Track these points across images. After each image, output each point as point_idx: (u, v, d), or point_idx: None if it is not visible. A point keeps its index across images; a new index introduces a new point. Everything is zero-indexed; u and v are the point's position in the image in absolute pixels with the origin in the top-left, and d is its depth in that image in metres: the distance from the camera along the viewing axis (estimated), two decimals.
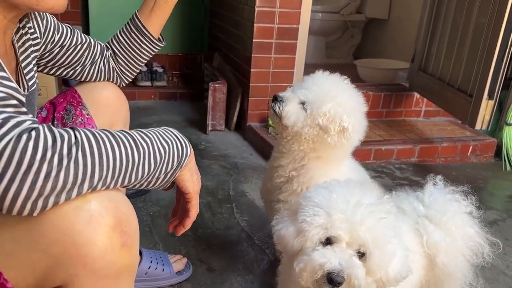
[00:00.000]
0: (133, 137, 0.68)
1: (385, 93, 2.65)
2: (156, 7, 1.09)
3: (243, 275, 1.40)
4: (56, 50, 1.05)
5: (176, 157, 0.74)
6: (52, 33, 1.01)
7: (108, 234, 0.63)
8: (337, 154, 1.22)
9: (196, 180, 0.82)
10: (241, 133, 2.52)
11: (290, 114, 1.19)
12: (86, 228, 0.62)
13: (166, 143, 0.73)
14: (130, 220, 0.68)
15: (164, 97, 3.03)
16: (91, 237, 0.62)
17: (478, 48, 2.08)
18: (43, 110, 1.09)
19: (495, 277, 1.50)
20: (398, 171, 2.28)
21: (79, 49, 1.09)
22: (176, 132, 0.77)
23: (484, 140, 2.49)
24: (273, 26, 2.28)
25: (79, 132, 0.62)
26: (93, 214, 0.62)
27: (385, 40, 4.01)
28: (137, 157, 0.67)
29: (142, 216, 1.67)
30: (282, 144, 1.27)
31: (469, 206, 1.07)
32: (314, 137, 1.19)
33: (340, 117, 1.16)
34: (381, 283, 0.83)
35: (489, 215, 1.92)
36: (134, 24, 1.11)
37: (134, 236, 0.68)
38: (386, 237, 0.82)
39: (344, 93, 1.20)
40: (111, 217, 0.64)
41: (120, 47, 1.14)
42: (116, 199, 0.66)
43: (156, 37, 1.14)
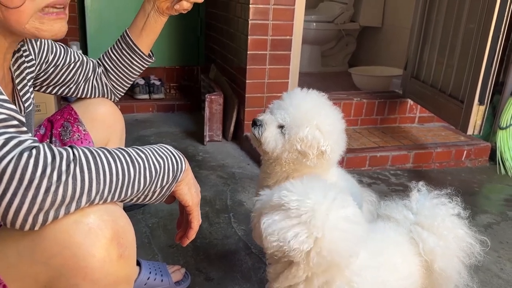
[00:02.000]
0: (129, 154, 0.72)
1: (379, 100, 2.69)
2: (147, 26, 1.12)
3: (240, 284, 1.43)
4: (50, 70, 1.08)
5: (172, 171, 0.78)
6: (46, 54, 1.04)
7: (106, 246, 0.67)
8: (320, 170, 1.24)
9: (194, 193, 0.85)
10: (238, 143, 2.56)
11: (269, 140, 1.21)
12: (85, 241, 0.65)
13: (161, 158, 0.76)
14: (127, 233, 0.71)
15: (162, 109, 3.07)
16: (90, 249, 0.65)
17: (468, 54, 2.12)
18: (41, 128, 1.13)
19: (489, 280, 1.52)
20: (394, 177, 2.31)
21: (73, 67, 1.12)
22: (172, 149, 0.81)
23: (478, 144, 2.53)
24: (267, 38, 2.32)
25: (77, 149, 0.66)
26: (91, 227, 0.66)
27: (380, 48, 4.07)
28: (133, 172, 0.71)
29: (141, 228, 1.69)
30: (266, 165, 1.30)
31: (456, 208, 1.10)
32: (294, 160, 1.22)
33: (318, 141, 1.17)
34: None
35: (484, 219, 1.94)
36: (125, 42, 1.14)
37: (130, 248, 0.71)
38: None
39: (321, 113, 1.20)
40: (109, 230, 0.67)
41: (111, 64, 1.17)
42: (113, 213, 0.69)
43: (147, 54, 1.17)
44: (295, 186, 0.89)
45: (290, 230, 0.84)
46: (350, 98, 2.66)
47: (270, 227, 0.85)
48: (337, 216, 0.87)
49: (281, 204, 0.86)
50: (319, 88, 1.31)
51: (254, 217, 0.93)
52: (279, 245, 0.85)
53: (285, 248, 0.84)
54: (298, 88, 1.28)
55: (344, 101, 2.60)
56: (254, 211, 0.94)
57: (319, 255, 0.84)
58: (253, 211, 0.95)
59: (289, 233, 0.84)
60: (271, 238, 0.85)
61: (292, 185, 0.89)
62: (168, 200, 0.84)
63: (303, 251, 0.84)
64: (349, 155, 2.28)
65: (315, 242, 0.84)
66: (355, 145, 2.41)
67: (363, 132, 2.62)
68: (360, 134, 2.59)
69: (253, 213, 0.95)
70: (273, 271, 0.95)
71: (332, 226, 0.85)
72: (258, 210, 0.93)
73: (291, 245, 0.83)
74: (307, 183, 0.91)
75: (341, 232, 0.86)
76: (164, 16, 1.12)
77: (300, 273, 0.89)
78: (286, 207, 0.85)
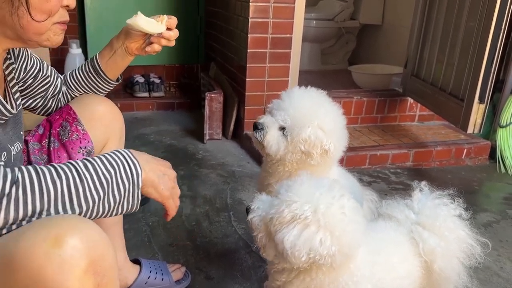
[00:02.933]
0: (76, 168, 0.74)
1: (379, 98, 2.68)
2: (112, 61, 1.13)
3: (241, 282, 1.43)
4: (29, 81, 1.08)
5: (126, 179, 0.78)
6: (24, 60, 1.04)
7: (80, 278, 0.64)
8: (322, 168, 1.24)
9: (162, 190, 0.85)
10: (238, 141, 2.56)
11: (272, 144, 1.20)
12: (57, 274, 0.62)
13: (112, 167, 0.77)
14: (105, 258, 0.68)
15: (162, 107, 3.07)
16: (63, 283, 0.62)
17: (468, 52, 2.12)
18: (40, 128, 1.12)
19: (489, 278, 1.52)
20: (394, 175, 2.31)
21: (48, 81, 1.13)
22: (126, 154, 0.80)
23: (478, 143, 2.53)
24: (267, 36, 2.32)
25: (21, 171, 0.69)
26: (64, 258, 0.62)
27: (380, 46, 4.06)
28: (81, 187, 0.73)
29: (141, 227, 1.70)
30: (269, 165, 1.29)
31: (457, 209, 1.09)
32: (298, 160, 1.22)
33: (321, 141, 1.17)
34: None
35: (483, 217, 1.94)
36: (92, 65, 1.15)
37: (109, 274, 0.68)
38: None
39: (321, 112, 1.20)
40: (84, 260, 0.64)
41: (77, 84, 1.18)
42: (90, 239, 0.66)
43: (114, 79, 1.19)
44: (298, 193, 0.87)
45: (314, 239, 0.83)
46: (350, 96, 2.66)
47: (295, 243, 0.83)
48: (351, 209, 0.87)
49: (296, 218, 0.84)
50: (319, 86, 1.30)
51: (262, 237, 0.90)
52: (309, 257, 0.83)
53: (316, 258, 0.83)
54: (297, 86, 1.27)
55: (344, 99, 2.60)
56: (257, 230, 0.91)
57: (341, 253, 0.85)
58: (254, 229, 0.92)
59: (315, 242, 0.83)
60: (299, 254, 0.83)
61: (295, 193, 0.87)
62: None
63: (331, 255, 0.83)
64: (349, 153, 2.28)
65: (339, 242, 0.84)
66: (355, 143, 2.41)
67: (363, 130, 2.62)
68: (360, 132, 2.58)
69: (255, 232, 0.91)
70: (287, 278, 0.93)
71: (349, 221, 0.86)
72: (261, 228, 0.90)
73: (321, 253, 0.82)
74: (307, 186, 0.89)
75: (356, 224, 0.87)
76: (132, 56, 1.13)
77: (320, 275, 0.89)
78: (302, 218, 0.84)
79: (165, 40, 1.07)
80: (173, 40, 1.08)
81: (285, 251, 0.84)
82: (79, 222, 0.68)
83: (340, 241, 0.84)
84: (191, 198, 1.92)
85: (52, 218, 0.68)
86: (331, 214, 0.85)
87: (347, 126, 1.28)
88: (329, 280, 0.90)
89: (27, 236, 0.63)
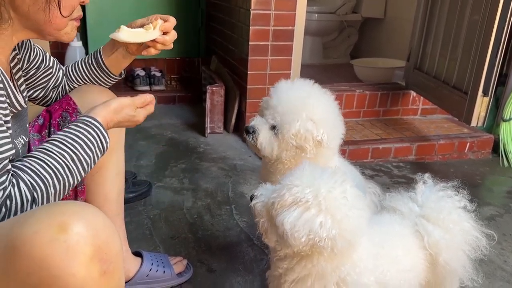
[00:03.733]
0: (66, 163, 0.81)
1: (381, 92, 2.67)
2: (113, 58, 1.13)
3: (243, 275, 1.42)
4: (32, 71, 1.07)
5: (100, 152, 0.88)
6: (28, 50, 1.03)
7: (86, 264, 0.63)
8: (322, 159, 1.22)
9: (127, 124, 0.97)
10: (240, 135, 2.54)
11: (265, 146, 1.20)
12: (63, 261, 0.61)
13: (90, 150, 0.85)
14: (110, 246, 0.67)
15: (163, 101, 3.05)
16: (69, 269, 0.62)
17: (472, 45, 2.10)
18: (40, 118, 1.11)
19: (493, 272, 1.52)
20: (396, 169, 2.30)
21: (50, 72, 1.12)
22: (97, 129, 0.86)
23: (481, 136, 2.51)
24: (269, 28, 2.30)
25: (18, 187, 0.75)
26: (69, 244, 0.62)
27: (382, 39, 4.03)
28: (71, 178, 0.82)
29: (142, 220, 1.69)
30: (269, 164, 1.28)
31: (462, 201, 1.08)
32: (294, 156, 1.21)
33: (311, 133, 1.16)
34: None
35: (486, 211, 1.93)
36: (95, 59, 1.15)
37: (115, 260, 0.68)
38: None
39: (309, 103, 1.17)
40: (89, 246, 0.63)
41: (78, 76, 1.17)
42: (95, 226, 0.66)
43: (117, 74, 1.18)
44: (300, 179, 0.87)
45: (314, 221, 0.82)
46: (352, 90, 2.64)
47: (294, 224, 0.83)
48: (353, 195, 0.87)
49: (297, 201, 0.84)
50: (321, 80, 1.28)
51: (263, 222, 0.90)
52: (309, 239, 0.83)
53: (316, 240, 0.82)
54: (283, 80, 1.25)
55: (346, 93, 2.58)
56: (258, 215, 0.91)
57: (343, 238, 0.84)
58: (257, 215, 0.92)
59: (315, 224, 0.82)
60: (298, 235, 0.82)
61: (296, 178, 0.87)
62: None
63: (331, 237, 0.83)
64: (352, 147, 2.27)
65: (340, 226, 0.83)
66: (358, 137, 2.39)
67: (366, 124, 2.60)
68: (362, 126, 2.57)
69: (257, 218, 0.91)
70: (289, 264, 0.93)
71: (351, 206, 0.85)
72: (263, 213, 0.90)
73: (321, 235, 0.82)
74: (308, 172, 0.89)
75: (359, 210, 0.86)
76: (133, 55, 1.14)
77: (321, 261, 0.88)
78: (303, 201, 0.83)
79: (160, 44, 1.07)
80: (169, 44, 1.08)
81: (285, 233, 0.84)
82: (83, 209, 0.67)
83: (341, 225, 0.83)
84: (192, 191, 1.92)
85: (56, 205, 0.67)
86: (332, 198, 0.84)
87: (349, 120, 1.27)
88: (331, 268, 0.90)
89: (31, 223, 0.62)
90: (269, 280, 1.03)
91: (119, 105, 0.92)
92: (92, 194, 1.20)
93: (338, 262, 0.90)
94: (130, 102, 0.94)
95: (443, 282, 1.09)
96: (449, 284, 1.11)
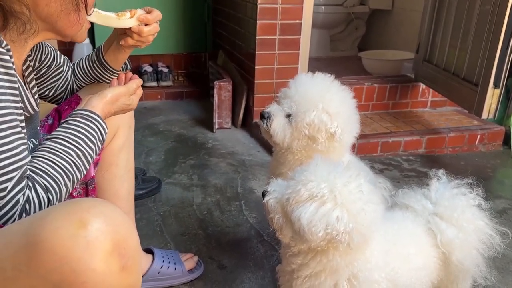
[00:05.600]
0: (74, 161, 0.83)
1: (390, 84, 2.64)
2: (111, 52, 1.13)
3: (253, 271, 1.42)
4: (43, 70, 1.08)
5: (101, 143, 0.90)
6: (39, 50, 1.04)
7: (106, 259, 0.64)
8: (333, 155, 1.22)
9: (122, 112, 0.98)
10: (248, 130, 2.54)
11: (278, 131, 1.20)
12: (83, 256, 0.62)
13: (92, 143, 0.87)
14: (129, 241, 0.68)
15: (171, 97, 3.05)
16: (89, 264, 0.63)
17: (482, 36, 2.07)
18: (49, 118, 1.12)
19: (505, 266, 1.50)
20: (406, 163, 2.28)
21: (60, 71, 1.12)
22: (98, 123, 0.88)
23: (492, 128, 2.48)
24: (276, 22, 2.28)
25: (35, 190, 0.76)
26: (89, 240, 0.63)
27: (390, 31, 3.99)
28: (78, 173, 0.84)
29: (153, 216, 1.69)
30: (279, 155, 1.28)
31: (476, 199, 1.07)
32: (305, 147, 1.20)
33: (325, 124, 1.15)
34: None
35: (498, 204, 1.91)
36: (97, 56, 1.15)
37: (134, 256, 0.69)
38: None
39: (326, 96, 1.18)
40: (109, 241, 0.64)
41: (83, 74, 1.18)
42: (114, 222, 0.67)
43: (118, 69, 1.17)
44: (314, 174, 0.86)
45: (331, 216, 0.82)
46: (360, 83, 2.62)
47: (311, 219, 0.82)
48: (368, 190, 0.86)
49: (313, 196, 0.84)
50: (329, 73, 1.28)
51: (278, 219, 0.90)
52: (326, 233, 0.83)
53: (333, 233, 0.82)
54: (304, 73, 1.25)
55: (354, 86, 2.56)
56: (273, 212, 0.90)
57: (359, 233, 0.83)
58: (271, 211, 0.91)
59: (332, 218, 0.82)
60: (316, 229, 0.82)
61: (311, 174, 0.87)
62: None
63: (348, 231, 0.82)
64: (361, 141, 2.25)
65: (356, 220, 0.83)
66: (367, 130, 2.38)
67: (375, 117, 2.58)
68: (371, 119, 2.55)
69: (272, 214, 0.91)
70: (303, 260, 0.92)
71: (367, 200, 0.85)
72: (277, 209, 0.90)
73: (338, 229, 0.82)
74: (322, 167, 0.88)
75: (374, 205, 0.86)
76: (128, 49, 1.12)
77: (336, 256, 0.88)
78: (319, 196, 0.83)
79: (136, 35, 1.04)
80: (146, 35, 1.04)
81: (302, 229, 0.83)
82: (101, 205, 0.68)
83: (357, 219, 0.83)
84: (201, 188, 1.92)
85: (74, 202, 0.68)
86: (348, 192, 0.84)
87: (358, 113, 1.26)
88: (345, 263, 0.89)
89: (51, 220, 0.63)
90: (280, 275, 1.03)
91: (115, 95, 0.94)
92: (102, 192, 1.21)
93: (352, 258, 0.90)
94: (125, 90, 0.96)
95: (456, 281, 1.08)
96: (461, 283, 1.10)
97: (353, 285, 0.91)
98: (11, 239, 0.65)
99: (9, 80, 0.76)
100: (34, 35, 0.86)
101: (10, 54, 0.76)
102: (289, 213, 0.86)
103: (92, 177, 1.11)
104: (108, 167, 1.20)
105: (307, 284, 0.92)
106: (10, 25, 0.81)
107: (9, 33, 0.82)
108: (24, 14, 0.81)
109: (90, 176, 1.10)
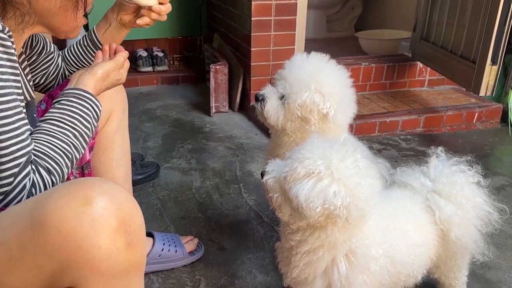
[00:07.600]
0: (72, 143, 0.84)
1: (387, 64, 2.62)
2: (108, 34, 1.12)
3: (253, 252, 1.44)
4: (33, 57, 1.07)
5: (96, 121, 0.91)
6: (29, 38, 1.02)
7: (112, 236, 0.64)
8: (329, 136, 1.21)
9: (110, 86, 0.97)
10: (245, 113, 2.53)
11: (271, 113, 1.19)
12: (89, 233, 0.63)
13: (88, 123, 0.87)
14: (134, 219, 0.68)
15: (167, 82, 3.03)
16: (95, 241, 0.63)
17: (479, 13, 2.04)
18: (42, 103, 1.11)
19: (503, 242, 1.52)
20: (404, 142, 2.28)
21: (50, 58, 1.11)
22: (92, 102, 0.88)
23: (489, 106, 2.48)
24: (271, 2, 2.25)
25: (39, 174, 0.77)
26: (95, 217, 0.63)
27: (387, 10, 3.95)
28: (77, 152, 0.85)
29: (152, 201, 1.70)
30: (276, 136, 1.28)
31: (475, 176, 1.06)
32: (299, 129, 1.20)
33: (317, 105, 1.14)
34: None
35: (496, 181, 1.92)
36: (90, 39, 1.14)
37: (139, 233, 0.69)
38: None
39: (320, 76, 1.16)
40: (114, 219, 0.65)
41: (76, 59, 1.17)
42: (118, 199, 0.67)
43: None
44: (311, 151, 0.86)
45: (328, 191, 0.82)
46: (358, 63, 2.60)
47: (308, 196, 0.83)
48: (365, 165, 0.86)
49: (310, 173, 0.84)
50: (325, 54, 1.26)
51: (277, 197, 0.90)
52: (324, 209, 0.83)
53: (331, 209, 0.82)
54: (299, 53, 1.24)
55: (352, 66, 2.54)
56: (272, 191, 0.91)
57: (356, 207, 0.84)
58: (269, 190, 0.91)
59: (329, 194, 0.82)
60: (313, 205, 0.82)
61: (307, 151, 0.86)
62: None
63: (346, 206, 0.82)
64: (358, 121, 2.25)
65: (353, 194, 0.83)
66: (364, 111, 2.37)
67: (372, 97, 2.57)
68: (369, 99, 2.54)
69: (270, 193, 0.91)
70: (301, 236, 0.93)
71: (363, 175, 0.85)
72: (275, 188, 0.90)
73: (335, 203, 0.82)
74: (319, 144, 0.88)
75: (371, 179, 0.86)
76: (127, 29, 1.12)
77: (335, 231, 0.88)
78: (316, 173, 0.83)
79: (155, 14, 1.04)
80: (164, 14, 1.05)
81: (300, 205, 0.84)
82: (105, 183, 0.68)
83: (354, 193, 0.83)
84: (200, 171, 1.92)
85: (77, 181, 0.69)
86: (344, 167, 0.84)
87: (356, 93, 1.24)
88: (343, 239, 0.90)
89: (55, 198, 0.64)
90: (278, 252, 1.04)
91: (105, 71, 0.94)
92: (99, 175, 1.21)
93: (350, 234, 0.90)
94: (115, 65, 0.96)
95: (454, 257, 1.09)
96: (459, 259, 1.10)
97: (351, 260, 0.92)
98: (16, 220, 0.65)
99: (12, 66, 0.76)
100: (32, 26, 0.86)
101: (12, 41, 0.76)
102: (287, 191, 0.86)
103: (87, 161, 1.11)
104: (104, 151, 1.20)
105: (305, 259, 0.93)
106: (8, 14, 0.81)
107: (8, 22, 0.82)
108: (23, 5, 0.81)
109: (85, 160, 1.10)
